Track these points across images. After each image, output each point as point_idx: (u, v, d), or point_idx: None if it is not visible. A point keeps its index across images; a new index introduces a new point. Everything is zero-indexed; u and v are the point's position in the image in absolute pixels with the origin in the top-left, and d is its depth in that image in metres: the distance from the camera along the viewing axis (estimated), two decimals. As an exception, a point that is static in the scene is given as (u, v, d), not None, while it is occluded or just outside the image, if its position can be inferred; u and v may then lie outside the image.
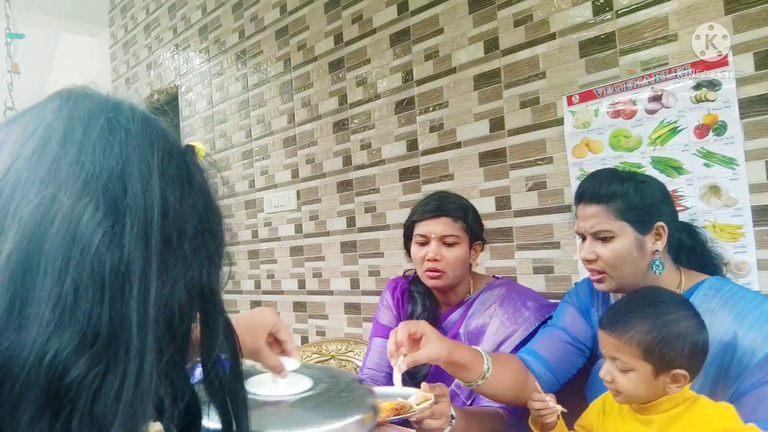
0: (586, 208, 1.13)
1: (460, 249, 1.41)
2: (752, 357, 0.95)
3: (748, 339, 0.97)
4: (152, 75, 4.06)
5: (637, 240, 1.09)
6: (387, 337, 1.53)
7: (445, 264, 1.40)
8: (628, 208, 1.09)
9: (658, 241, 1.11)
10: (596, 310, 1.26)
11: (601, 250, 1.11)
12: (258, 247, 3.15)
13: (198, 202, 0.48)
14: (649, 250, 1.10)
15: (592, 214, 1.12)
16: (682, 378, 0.91)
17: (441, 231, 1.40)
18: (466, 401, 1.39)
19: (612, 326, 0.97)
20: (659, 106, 1.60)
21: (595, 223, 1.11)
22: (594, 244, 1.12)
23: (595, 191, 1.13)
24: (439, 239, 1.40)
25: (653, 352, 0.92)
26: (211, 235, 0.49)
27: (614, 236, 1.09)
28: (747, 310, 1.00)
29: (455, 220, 1.41)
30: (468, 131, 2.09)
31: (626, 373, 0.94)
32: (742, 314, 1.00)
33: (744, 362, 0.96)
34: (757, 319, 0.98)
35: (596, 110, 1.73)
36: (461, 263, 1.42)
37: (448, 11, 2.14)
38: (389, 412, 1.04)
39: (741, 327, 0.98)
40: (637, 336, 0.93)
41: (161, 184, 0.44)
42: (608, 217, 1.10)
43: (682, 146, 1.57)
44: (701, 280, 1.10)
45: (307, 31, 2.78)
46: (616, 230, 1.09)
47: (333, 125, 2.65)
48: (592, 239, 1.13)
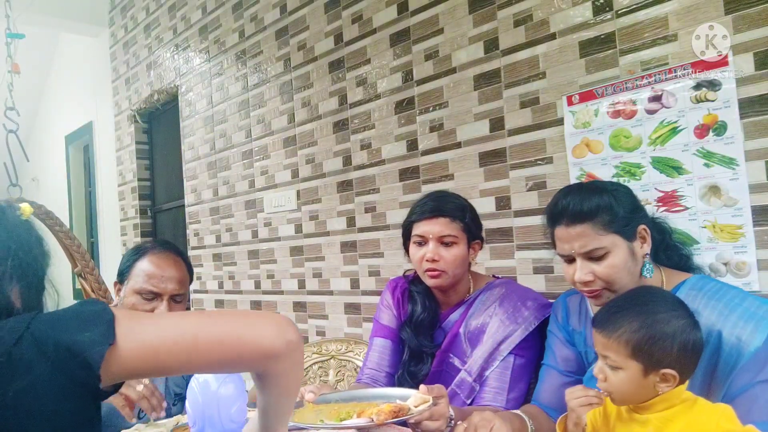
0: (570, 229, 1.09)
1: (458, 248, 1.41)
2: (739, 357, 0.95)
3: (733, 338, 0.96)
4: (152, 75, 4.06)
5: (629, 249, 1.07)
6: (388, 338, 1.55)
7: (444, 264, 1.40)
8: (613, 219, 1.06)
9: (644, 245, 1.10)
10: (578, 325, 1.26)
11: (598, 269, 1.07)
12: (258, 247, 3.15)
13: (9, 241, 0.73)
14: (640, 256, 1.09)
15: (578, 234, 1.07)
16: (671, 378, 0.91)
17: (439, 231, 1.40)
18: (466, 400, 1.39)
19: (602, 325, 0.97)
20: (659, 106, 1.60)
21: (585, 243, 1.07)
22: (588, 264, 1.08)
23: (576, 210, 1.08)
24: (437, 239, 1.40)
25: (641, 351, 0.92)
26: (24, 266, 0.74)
27: (608, 251, 1.06)
28: (730, 308, 0.99)
29: (453, 219, 1.41)
30: (468, 131, 2.09)
31: (616, 371, 0.95)
32: (724, 313, 0.99)
33: (731, 363, 0.96)
34: (740, 317, 0.98)
35: (596, 110, 1.73)
36: (460, 262, 1.42)
37: (448, 11, 2.14)
38: (387, 414, 1.04)
39: (725, 326, 0.98)
40: (625, 335, 0.93)
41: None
42: (597, 233, 1.06)
43: (682, 146, 1.57)
44: (683, 280, 1.09)
45: (307, 31, 2.78)
46: (609, 245, 1.06)
47: (333, 125, 2.65)
48: (584, 259, 1.08)
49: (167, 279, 1.40)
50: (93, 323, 0.66)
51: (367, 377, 1.52)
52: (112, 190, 4.60)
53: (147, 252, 1.46)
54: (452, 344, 1.46)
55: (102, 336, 0.65)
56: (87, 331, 0.65)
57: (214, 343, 0.71)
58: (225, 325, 0.72)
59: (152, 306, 1.38)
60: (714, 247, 1.52)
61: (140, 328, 0.69)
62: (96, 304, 0.70)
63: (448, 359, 1.46)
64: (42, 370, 0.62)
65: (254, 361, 0.74)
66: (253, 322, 0.74)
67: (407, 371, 1.47)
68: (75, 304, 0.70)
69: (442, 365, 1.46)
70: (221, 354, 0.71)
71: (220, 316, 0.75)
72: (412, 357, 1.48)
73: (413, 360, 1.48)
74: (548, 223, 1.15)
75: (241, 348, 0.72)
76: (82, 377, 0.64)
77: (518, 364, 1.37)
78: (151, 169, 4.32)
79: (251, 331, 0.73)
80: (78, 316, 0.67)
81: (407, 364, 1.48)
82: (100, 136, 4.85)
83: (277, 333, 0.73)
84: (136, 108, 4.23)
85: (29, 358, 0.62)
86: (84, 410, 0.67)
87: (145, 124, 4.30)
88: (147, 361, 0.68)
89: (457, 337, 1.45)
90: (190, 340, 0.70)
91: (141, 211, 4.29)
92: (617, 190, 1.11)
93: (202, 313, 0.76)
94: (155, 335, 0.69)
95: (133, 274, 1.43)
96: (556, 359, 1.28)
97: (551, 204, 1.14)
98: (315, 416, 1.14)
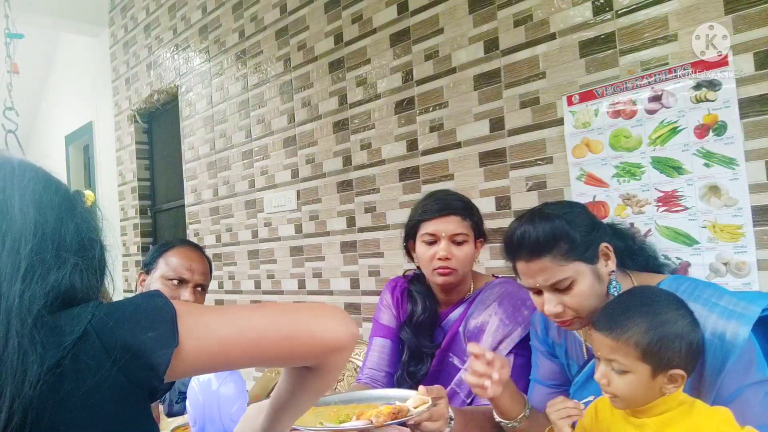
0: (530, 264, 1.05)
1: (468, 246, 1.41)
2: (725, 358, 0.93)
3: (716, 339, 0.94)
4: (152, 75, 4.06)
5: (593, 273, 1.04)
6: (387, 337, 1.55)
7: (456, 262, 1.39)
8: (572, 247, 1.03)
9: (609, 262, 1.06)
10: (558, 337, 1.24)
11: (566, 299, 1.04)
12: (258, 247, 3.15)
13: (80, 227, 0.70)
14: (605, 275, 1.06)
15: (540, 269, 1.04)
16: (679, 378, 0.90)
17: (452, 230, 1.40)
18: (466, 400, 1.39)
19: (608, 328, 0.94)
20: (659, 106, 1.60)
21: (548, 276, 1.03)
22: (555, 296, 1.05)
23: (532, 244, 1.04)
24: (449, 237, 1.40)
25: (651, 353, 0.90)
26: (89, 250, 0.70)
27: (573, 280, 1.03)
28: (708, 307, 0.97)
29: (463, 218, 1.41)
30: (468, 131, 2.09)
31: (623, 375, 0.92)
32: (703, 314, 0.96)
33: (717, 365, 0.94)
34: (720, 316, 0.95)
35: (596, 110, 1.73)
36: (470, 260, 1.42)
37: (448, 11, 2.14)
38: (387, 416, 1.04)
39: (706, 327, 0.95)
40: (634, 337, 0.91)
41: (36, 212, 0.66)
42: (558, 264, 1.03)
43: (682, 146, 1.56)
44: (656, 283, 1.06)
45: (307, 31, 2.78)
46: (573, 274, 1.03)
47: (333, 125, 2.65)
48: (551, 291, 1.05)
49: (194, 269, 1.55)
50: (157, 321, 0.64)
51: (366, 377, 1.52)
52: (112, 190, 4.60)
53: (175, 246, 1.60)
54: (452, 343, 1.45)
55: (167, 336, 0.63)
56: (151, 330, 0.63)
57: (281, 338, 0.70)
58: (291, 320, 0.71)
59: (177, 293, 1.52)
60: (714, 247, 1.51)
61: (204, 325, 0.67)
62: (157, 298, 0.67)
63: (448, 358, 1.45)
64: (105, 370, 0.60)
65: (320, 354, 0.73)
66: (318, 315, 0.73)
67: (406, 371, 1.47)
68: (136, 297, 0.68)
69: (441, 364, 1.46)
70: (289, 349, 0.70)
71: (282, 311, 0.73)
72: (412, 357, 1.48)
73: (413, 360, 1.48)
74: (506, 256, 1.12)
75: (309, 341, 0.71)
76: (144, 378, 0.63)
77: (518, 364, 1.37)
78: (151, 169, 4.32)
79: (319, 325, 0.72)
80: (140, 311, 0.65)
81: (407, 364, 1.48)
82: (100, 136, 4.85)
83: (343, 326, 0.73)
84: (136, 108, 4.23)
85: (94, 359, 0.60)
86: (141, 410, 0.65)
87: (145, 124, 4.30)
88: (211, 360, 0.67)
89: (456, 336, 1.45)
90: (254, 337, 0.68)
91: (141, 211, 4.29)
92: (570, 212, 1.07)
93: (263, 307, 0.74)
94: (220, 333, 0.67)
95: (161, 263, 1.55)
96: (541, 373, 1.27)
97: (507, 236, 1.10)
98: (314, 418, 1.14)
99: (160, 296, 0.68)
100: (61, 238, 0.68)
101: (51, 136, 5.86)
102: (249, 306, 0.74)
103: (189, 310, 0.68)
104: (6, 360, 0.57)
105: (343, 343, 0.73)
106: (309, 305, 0.76)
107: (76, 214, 0.71)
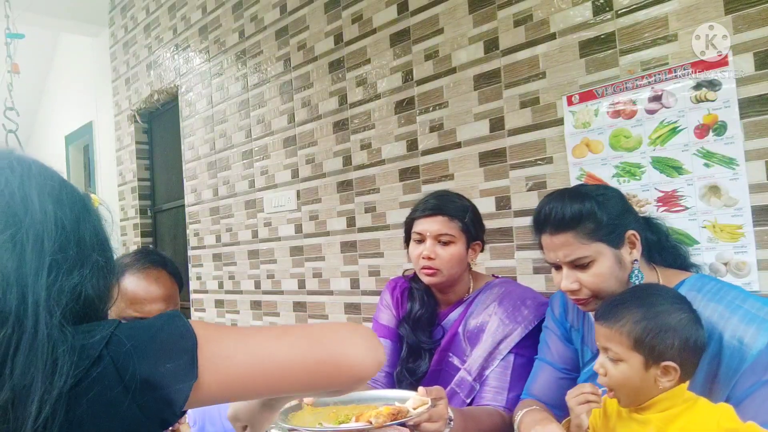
0: (554, 238, 1.07)
1: (455, 248, 1.41)
2: (741, 361, 0.93)
3: (735, 341, 0.95)
4: (152, 75, 4.06)
5: (615, 256, 1.06)
6: (387, 337, 1.55)
7: (439, 262, 1.40)
8: (597, 227, 1.05)
9: (633, 250, 1.08)
10: (576, 322, 1.25)
11: (584, 277, 1.06)
12: (258, 247, 3.15)
13: (96, 227, 0.70)
14: (628, 262, 1.07)
15: (562, 244, 1.06)
16: (672, 371, 0.91)
17: (437, 230, 1.40)
18: (466, 400, 1.39)
19: (605, 317, 0.97)
20: (659, 106, 1.60)
21: (569, 252, 1.06)
22: (573, 272, 1.07)
23: (558, 219, 1.06)
24: (434, 237, 1.41)
25: (643, 343, 0.92)
26: (106, 250, 0.70)
27: (593, 260, 1.05)
28: (731, 310, 0.98)
29: (451, 219, 1.41)
30: (468, 131, 2.09)
31: (617, 363, 0.95)
32: (725, 316, 0.97)
33: (733, 366, 0.94)
34: (742, 319, 0.96)
35: (596, 110, 1.73)
36: (456, 262, 1.42)
37: (448, 11, 2.14)
38: (386, 417, 1.04)
39: (726, 329, 0.96)
40: (627, 326, 0.94)
41: (55, 208, 0.64)
42: (581, 242, 1.05)
43: (682, 146, 1.56)
44: (681, 280, 1.08)
45: (307, 31, 2.78)
46: (593, 253, 1.05)
47: (333, 125, 2.65)
48: (569, 267, 1.07)
49: (151, 300, 1.27)
50: (176, 351, 0.61)
51: (366, 377, 1.52)
52: (112, 190, 4.60)
53: (125, 270, 1.30)
54: (451, 343, 1.46)
55: (185, 369, 0.60)
56: (169, 362, 0.60)
57: (305, 373, 0.67)
58: (317, 351, 0.68)
59: None
60: (714, 247, 1.51)
61: (225, 357, 0.64)
62: (177, 323, 0.64)
63: (448, 358, 1.46)
64: (117, 396, 0.58)
65: (344, 385, 0.71)
66: (346, 344, 0.70)
67: (405, 368, 1.48)
68: (155, 320, 0.65)
69: (441, 364, 1.46)
70: (313, 382, 0.68)
71: (309, 340, 0.69)
72: (411, 353, 1.48)
73: (411, 356, 1.48)
74: (534, 230, 1.14)
75: (335, 374, 0.68)
76: (159, 410, 0.60)
77: (518, 363, 1.37)
78: (151, 169, 4.32)
79: (346, 357, 0.69)
80: (159, 339, 0.62)
81: (405, 360, 1.48)
82: (100, 136, 4.85)
83: (371, 355, 0.70)
84: (136, 108, 4.23)
85: (106, 383, 0.58)
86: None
87: (145, 124, 4.30)
88: (230, 392, 0.65)
89: (456, 336, 1.45)
90: (277, 370, 0.65)
91: (141, 211, 4.29)
92: (603, 195, 1.09)
93: (288, 334, 0.69)
94: (242, 366, 0.64)
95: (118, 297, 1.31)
96: (553, 355, 1.26)
97: (536, 211, 1.13)
98: (313, 419, 1.13)
99: (180, 319, 0.65)
100: (81, 236, 0.67)
101: (51, 136, 5.86)
102: (273, 330, 0.71)
103: (209, 336, 0.64)
104: (37, 350, 0.56)
105: (369, 375, 0.71)
106: (337, 327, 0.72)
107: (90, 214, 0.71)
